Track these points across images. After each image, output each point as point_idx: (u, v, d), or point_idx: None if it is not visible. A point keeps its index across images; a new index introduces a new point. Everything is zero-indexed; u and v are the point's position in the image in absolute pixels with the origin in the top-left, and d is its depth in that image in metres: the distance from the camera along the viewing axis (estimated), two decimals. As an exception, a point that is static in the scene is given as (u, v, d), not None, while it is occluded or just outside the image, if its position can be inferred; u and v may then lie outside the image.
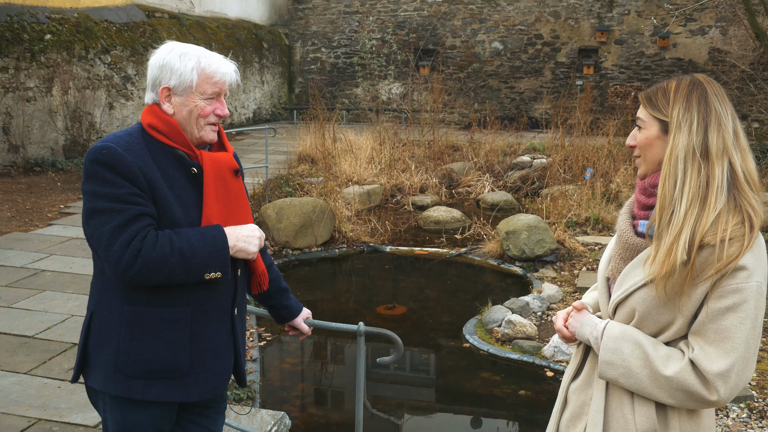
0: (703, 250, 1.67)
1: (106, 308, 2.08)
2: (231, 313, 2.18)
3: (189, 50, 2.11)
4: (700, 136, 1.71)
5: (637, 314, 1.79)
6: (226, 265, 2.05)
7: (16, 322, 5.11)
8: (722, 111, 1.74)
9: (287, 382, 5.27)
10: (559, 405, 2.02)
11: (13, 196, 9.05)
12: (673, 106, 1.75)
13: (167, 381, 2.06)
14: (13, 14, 10.88)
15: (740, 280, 1.65)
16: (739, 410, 4.42)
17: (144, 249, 1.93)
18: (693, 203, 1.69)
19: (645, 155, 1.84)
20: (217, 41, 16.48)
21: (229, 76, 2.14)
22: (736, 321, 1.65)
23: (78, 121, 11.68)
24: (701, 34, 16.64)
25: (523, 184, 11.66)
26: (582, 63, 17.47)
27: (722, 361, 1.65)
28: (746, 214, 1.69)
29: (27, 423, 3.78)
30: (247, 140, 15.64)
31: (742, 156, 1.74)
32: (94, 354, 2.11)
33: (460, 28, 18.40)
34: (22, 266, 6.37)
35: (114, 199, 1.95)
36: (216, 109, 2.13)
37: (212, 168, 2.10)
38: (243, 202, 2.20)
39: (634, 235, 1.86)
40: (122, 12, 13.53)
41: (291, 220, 8.05)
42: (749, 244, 1.66)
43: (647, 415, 1.78)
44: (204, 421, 2.28)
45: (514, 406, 4.84)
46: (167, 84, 2.09)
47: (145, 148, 2.04)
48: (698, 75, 1.82)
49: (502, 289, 7.17)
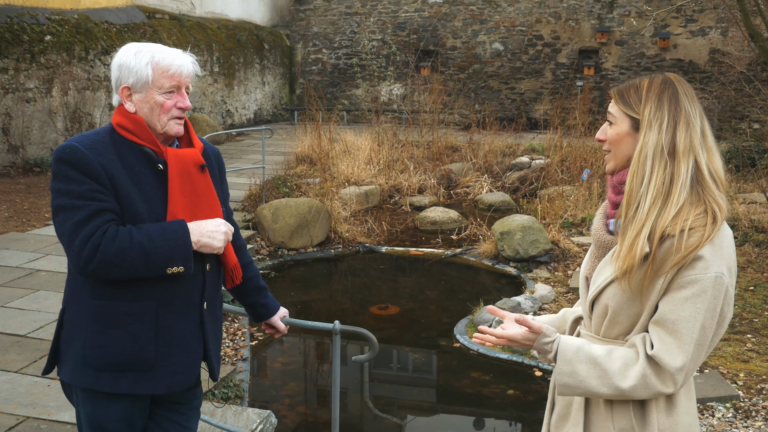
0: (664, 242, 1.70)
1: (76, 303, 2.14)
2: (200, 307, 2.21)
3: (143, 48, 2.15)
4: (669, 134, 1.75)
5: (610, 310, 1.82)
6: (188, 260, 2.08)
7: (9, 321, 5.15)
8: (691, 111, 1.78)
9: (278, 381, 5.30)
10: (549, 406, 2.06)
11: (12, 196, 9.10)
12: (645, 105, 1.79)
13: (134, 374, 2.09)
14: (13, 15, 10.94)
15: (698, 271, 1.67)
16: (724, 410, 4.44)
17: (103, 244, 1.97)
18: (657, 199, 1.72)
19: (615, 151, 1.87)
20: (217, 42, 16.53)
21: (185, 68, 2.16)
22: (694, 311, 1.68)
23: (78, 121, 11.73)
24: (701, 35, 16.63)
25: (521, 184, 11.69)
26: (582, 64, 17.48)
27: (681, 354, 1.69)
28: (710, 208, 1.72)
29: (15, 421, 3.82)
30: (246, 141, 15.68)
31: (708, 155, 1.77)
32: (66, 348, 2.17)
33: (460, 29, 18.42)
34: (17, 266, 6.41)
35: (76, 196, 2.00)
36: (177, 102, 2.14)
37: (176, 164, 2.13)
38: (210, 197, 2.21)
39: (605, 234, 1.90)
40: (122, 13, 13.59)
41: (287, 220, 8.09)
42: (710, 235, 1.69)
43: (624, 412, 1.81)
44: (177, 417, 2.32)
45: (502, 406, 4.86)
46: (126, 83, 2.14)
47: (111, 145, 2.09)
48: (669, 74, 1.86)
49: (496, 290, 7.20)
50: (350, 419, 4.85)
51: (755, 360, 5.14)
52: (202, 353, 2.24)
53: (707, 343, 1.72)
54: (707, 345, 1.73)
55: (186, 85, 2.18)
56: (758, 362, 5.10)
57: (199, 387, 2.42)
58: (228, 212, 2.46)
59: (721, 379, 4.73)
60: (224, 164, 2.49)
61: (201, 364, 2.26)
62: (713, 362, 5.07)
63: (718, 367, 4.99)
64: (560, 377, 1.82)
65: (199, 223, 2.15)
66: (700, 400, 4.47)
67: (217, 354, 2.32)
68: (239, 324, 5.83)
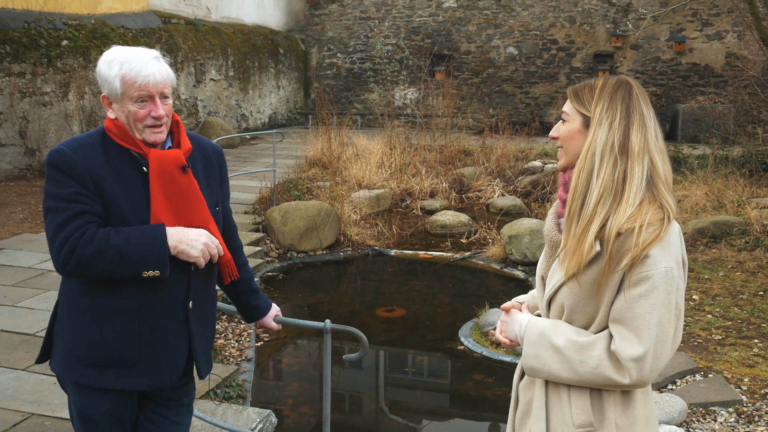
0: (618, 238, 1.72)
1: (66, 298, 2.21)
2: (185, 306, 2.24)
3: (116, 56, 2.14)
4: (620, 133, 1.77)
5: (566, 308, 1.85)
6: (163, 264, 2.10)
7: (18, 320, 5.24)
8: (646, 112, 1.81)
9: (281, 381, 5.35)
10: (513, 404, 2.08)
11: (27, 199, 9.24)
12: (597, 103, 1.82)
13: (117, 370, 2.14)
14: (30, 20, 11.11)
15: (648, 267, 1.70)
16: (726, 414, 4.42)
17: (79, 246, 2.03)
18: (604, 197, 1.74)
19: (566, 147, 1.90)
20: (233, 47, 16.66)
21: (153, 77, 2.12)
22: (649, 307, 1.71)
23: (93, 125, 11.88)
24: (717, 39, 16.53)
25: (533, 188, 11.66)
26: (597, 68, 17.43)
27: (637, 347, 1.71)
28: (664, 206, 1.75)
29: (20, 417, 3.89)
30: (260, 144, 15.79)
31: (662, 157, 1.80)
32: (57, 341, 2.23)
33: (474, 33, 18.44)
34: (29, 266, 6.52)
35: (60, 198, 2.06)
36: (151, 111, 2.14)
37: (157, 165, 2.15)
38: (194, 198, 2.22)
39: (557, 233, 1.93)
40: (139, 18, 13.75)
41: (296, 223, 8.14)
42: (665, 231, 1.72)
43: (583, 407, 1.84)
44: (167, 412, 2.36)
45: (504, 408, 4.85)
46: (103, 92, 2.18)
47: (100, 148, 2.14)
48: (625, 76, 1.89)
49: (503, 293, 7.20)
50: (353, 420, 4.88)
51: (761, 365, 5.11)
52: (186, 352, 2.27)
53: (669, 338, 1.74)
54: (669, 340, 1.74)
55: (159, 92, 2.15)
56: (764, 367, 5.07)
57: (190, 384, 2.45)
58: (226, 212, 2.49)
59: (724, 383, 4.71)
60: (226, 164, 2.49)
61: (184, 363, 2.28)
62: (718, 366, 5.04)
63: (723, 372, 4.97)
64: (525, 360, 1.89)
65: (181, 229, 2.16)
66: (702, 405, 4.45)
67: (204, 353, 2.34)
68: (245, 325, 5.88)
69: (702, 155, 11.64)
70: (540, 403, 1.91)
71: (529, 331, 1.90)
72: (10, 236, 7.51)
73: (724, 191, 9.62)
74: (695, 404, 4.45)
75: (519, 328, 1.95)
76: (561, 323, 1.87)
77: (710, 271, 7.09)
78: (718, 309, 6.08)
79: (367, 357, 5.75)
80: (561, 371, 1.82)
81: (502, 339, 2.03)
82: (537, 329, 1.88)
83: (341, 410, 5.02)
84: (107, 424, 2.22)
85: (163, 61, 2.21)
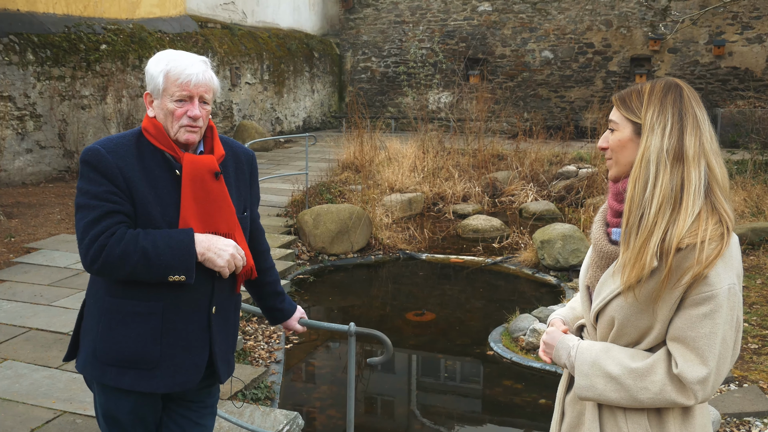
0: (679, 253, 1.64)
1: (93, 297, 2.23)
2: (208, 311, 2.25)
3: (164, 56, 2.20)
4: (674, 138, 1.69)
5: (617, 322, 1.77)
6: (190, 270, 2.11)
7: (53, 319, 5.33)
8: (700, 114, 1.73)
9: (310, 383, 5.36)
10: (557, 416, 2.02)
11: (65, 200, 9.42)
12: (647, 109, 1.73)
13: (137, 371, 2.16)
14: (70, 25, 11.34)
15: (712, 287, 1.63)
16: (761, 425, 4.31)
17: (109, 245, 2.04)
18: (664, 206, 1.66)
19: (617, 158, 1.80)
20: (268, 51, 16.80)
21: (195, 78, 2.15)
22: (713, 327, 1.65)
23: (130, 128, 12.06)
24: (758, 42, 16.20)
25: (567, 193, 11.55)
26: (634, 72, 17.20)
27: (701, 368, 1.66)
28: (723, 218, 1.66)
29: (53, 415, 3.96)
30: (294, 148, 15.89)
31: (718, 160, 1.72)
32: (83, 339, 2.26)
33: (510, 37, 18.33)
34: (65, 266, 6.63)
35: (92, 196, 2.08)
36: (188, 111, 2.16)
37: (190, 170, 2.17)
38: (224, 205, 2.23)
39: (608, 243, 1.83)
40: (176, 23, 13.95)
41: (327, 226, 8.17)
42: (725, 247, 1.64)
43: (640, 423, 1.78)
44: (190, 414, 2.38)
45: (533, 415, 4.82)
46: (147, 89, 2.22)
47: (134, 149, 2.16)
48: (674, 78, 1.80)
49: (534, 298, 7.14)
50: (384, 423, 4.87)
51: (799, 375, 4.98)
52: (207, 356, 2.27)
53: (729, 354, 1.69)
54: (730, 355, 1.69)
55: (199, 95, 2.18)
56: (802, 378, 4.94)
57: (214, 386, 2.47)
58: (254, 216, 2.50)
59: (760, 393, 4.60)
60: (257, 168, 2.50)
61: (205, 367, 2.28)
62: (753, 376, 4.93)
63: (758, 382, 4.85)
64: (579, 391, 1.81)
65: (210, 237, 2.17)
66: (737, 415, 4.36)
67: (224, 358, 2.34)
68: (275, 327, 5.91)
69: (741, 160, 11.41)
70: (593, 417, 1.84)
71: (579, 361, 1.82)
72: (47, 236, 7.65)
73: (763, 197, 9.41)
74: (729, 414, 4.36)
75: (567, 357, 1.88)
76: (612, 347, 1.80)
77: (747, 279, 6.94)
78: (755, 317, 5.94)
79: (398, 361, 5.76)
80: (620, 399, 1.75)
81: (545, 359, 1.98)
82: (588, 359, 1.80)
83: (373, 413, 5.02)
84: (131, 424, 2.24)
85: (210, 68, 2.24)
